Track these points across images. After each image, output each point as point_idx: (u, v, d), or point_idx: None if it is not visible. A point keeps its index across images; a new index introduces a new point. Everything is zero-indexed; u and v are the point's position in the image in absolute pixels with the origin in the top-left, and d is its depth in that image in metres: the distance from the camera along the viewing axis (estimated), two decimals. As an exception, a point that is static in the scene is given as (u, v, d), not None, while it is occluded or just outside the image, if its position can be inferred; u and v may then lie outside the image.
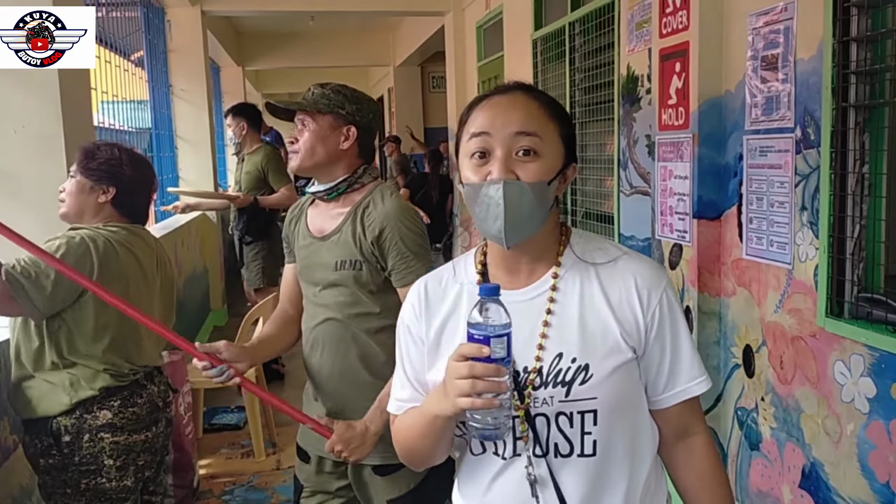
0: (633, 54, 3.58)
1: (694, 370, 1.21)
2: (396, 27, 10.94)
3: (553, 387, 1.13)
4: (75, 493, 2.06)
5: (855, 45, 2.27)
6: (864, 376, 2.24)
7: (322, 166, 1.96)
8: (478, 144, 1.15)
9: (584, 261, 1.20)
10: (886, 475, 2.17)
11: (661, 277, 1.21)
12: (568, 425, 1.14)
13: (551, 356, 1.15)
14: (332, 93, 1.96)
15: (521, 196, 1.11)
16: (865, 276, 2.32)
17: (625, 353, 1.16)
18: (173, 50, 6.68)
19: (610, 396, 1.14)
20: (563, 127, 1.19)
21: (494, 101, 1.18)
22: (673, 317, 1.19)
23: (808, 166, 2.46)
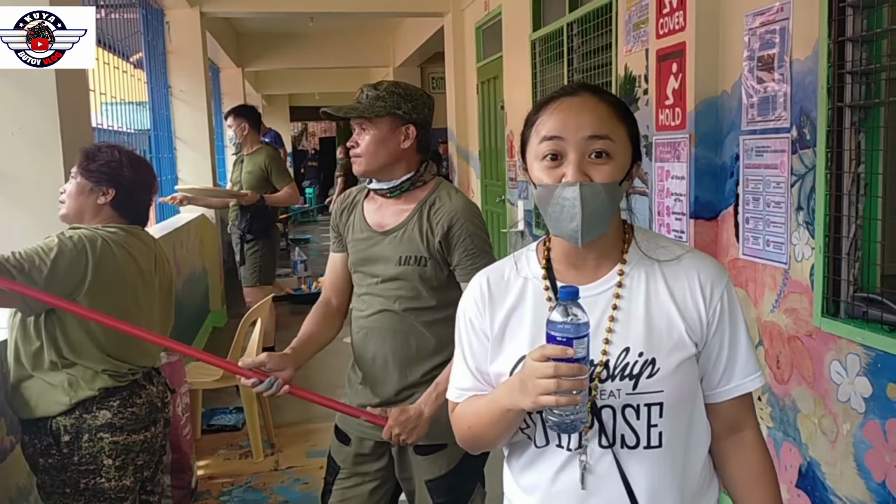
0: (630, 55, 3.59)
1: (750, 366, 1.25)
2: (396, 28, 10.94)
3: (620, 380, 1.17)
4: (74, 493, 2.07)
5: (850, 45, 2.27)
6: (860, 376, 2.24)
7: (386, 167, 1.99)
8: (550, 148, 1.17)
9: (649, 257, 1.24)
10: (882, 474, 2.17)
11: (723, 275, 1.25)
12: (635, 417, 1.18)
13: (618, 350, 1.18)
14: (386, 94, 1.97)
15: (596, 197, 1.14)
16: (861, 276, 2.32)
17: (689, 348, 1.20)
18: (172, 51, 6.68)
19: (675, 390, 1.18)
20: (630, 127, 1.22)
21: (565, 103, 1.20)
22: (733, 313, 1.23)
23: (804, 166, 2.46)
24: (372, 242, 2.04)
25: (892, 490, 2.14)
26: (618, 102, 1.24)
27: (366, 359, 2.08)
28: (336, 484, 2.12)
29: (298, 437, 4.20)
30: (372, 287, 2.04)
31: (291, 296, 7.74)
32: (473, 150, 7.14)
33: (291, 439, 4.18)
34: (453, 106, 7.54)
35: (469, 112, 7.29)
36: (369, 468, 2.11)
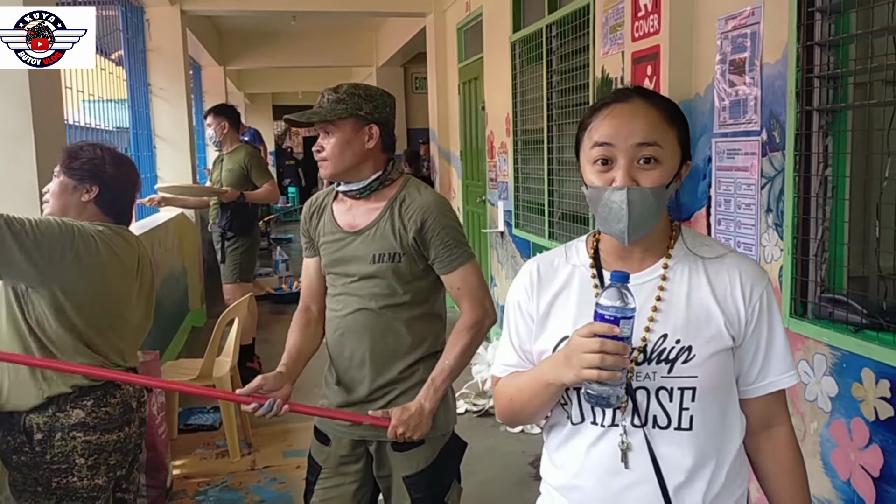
0: (607, 57, 3.62)
1: (785, 364, 1.32)
2: (379, 28, 10.94)
3: (657, 363, 1.25)
4: (46, 492, 2.06)
5: (818, 50, 2.30)
6: (827, 375, 2.27)
7: (352, 169, 2.01)
8: (601, 153, 1.25)
9: (694, 254, 1.32)
10: (847, 473, 2.21)
11: (763, 276, 1.32)
12: (668, 399, 1.25)
13: (656, 336, 1.26)
14: (346, 96, 1.99)
15: (644, 201, 1.22)
16: (828, 277, 2.35)
17: (726, 340, 1.27)
18: (152, 49, 6.65)
19: (708, 377, 1.25)
20: (680, 131, 1.28)
21: (617, 110, 1.26)
22: (771, 312, 1.30)
23: (773, 169, 2.49)
24: (344, 243, 2.05)
25: (856, 488, 2.17)
26: (669, 106, 1.29)
27: (342, 358, 2.09)
28: (318, 484, 2.14)
29: (275, 436, 4.20)
30: (347, 286, 2.06)
31: (272, 295, 7.73)
32: (455, 150, 7.16)
33: (268, 439, 4.18)
34: (435, 106, 7.55)
35: (451, 112, 7.31)
36: (350, 468, 2.12)
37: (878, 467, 2.08)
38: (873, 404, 2.09)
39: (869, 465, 2.12)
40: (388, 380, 2.05)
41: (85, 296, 2.06)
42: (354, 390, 2.08)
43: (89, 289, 2.08)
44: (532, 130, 4.94)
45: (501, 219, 5.63)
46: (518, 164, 5.20)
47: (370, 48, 11.44)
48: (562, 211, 4.48)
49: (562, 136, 4.44)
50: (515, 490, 3.56)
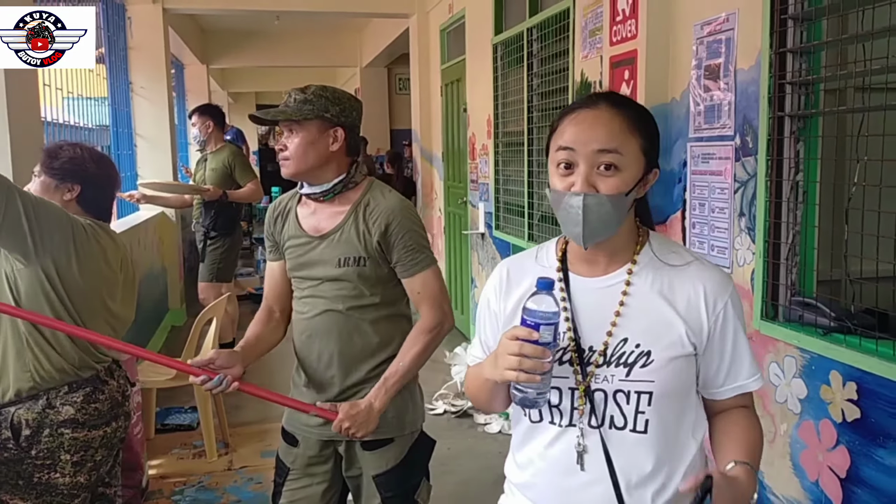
0: (586, 61, 3.64)
1: (752, 368, 1.35)
2: (363, 28, 10.93)
3: (616, 367, 1.29)
4: (26, 486, 2.08)
5: (791, 57, 2.34)
6: (796, 377, 2.31)
7: (314, 170, 2.01)
8: (563, 157, 1.27)
9: (659, 260, 1.34)
10: (816, 473, 2.24)
11: (728, 285, 1.34)
12: (625, 402, 1.28)
13: (617, 340, 1.30)
14: (313, 97, 1.99)
15: (600, 207, 1.24)
16: (799, 281, 2.39)
17: (686, 348, 1.29)
18: (133, 47, 6.61)
19: (665, 382, 1.28)
20: (645, 139, 1.29)
21: (581, 115, 1.28)
22: (735, 322, 1.32)
23: (746, 173, 2.52)
24: (310, 247, 2.06)
25: (824, 489, 2.20)
26: (637, 114, 1.31)
27: (310, 360, 2.10)
28: (286, 485, 2.14)
29: (253, 436, 4.20)
30: (314, 289, 2.06)
31: (253, 295, 7.70)
32: (437, 151, 7.17)
33: (246, 439, 4.17)
34: (418, 107, 7.56)
35: (433, 114, 7.32)
36: (319, 469, 2.13)
37: (844, 468, 2.12)
38: (841, 406, 2.12)
39: (836, 466, 2.15)
40: (357, 380, 2.06)
41: (74, 281, 2.09)
42: (325, 391, 2.09)
43: (80, 276, 2.10)
44: (513, 132, 4.96)
45: (482, 220, 5.65)
46: (499, 165, 5.22)
47: (354, 49, 11.43)
48: (541, 213, 4.50)
49: (541, 138, 4.46)
50: (493, 490, 3.55)
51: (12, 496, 2.09)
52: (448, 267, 6.90)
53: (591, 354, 1.30)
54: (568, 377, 1.31)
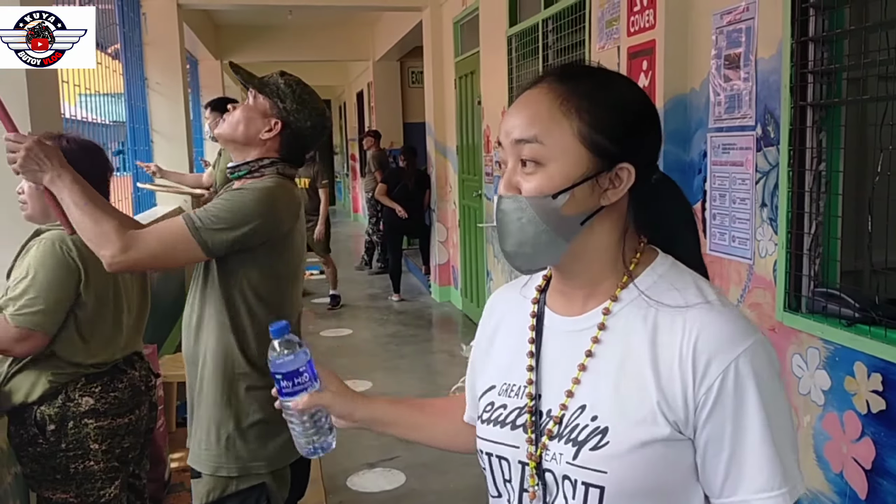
0: (603, 52, 3.63)
1: (763, 479, 0.88)
2: (375, 22, 10.92)
3: (565, 443, 0.93)
4: (65, 479, 2.12)
5: (812, 45, 2.32)
6: (820, 369, 2.29)
7: (238, 144, 1.93)
8: (500, 156, 0.98)
9: (648, 298, 0.94)
10: (840, 465, 2.23)
11: (738, 342, 0.89)
12: (571, 495, 0.93)
13: (576, 406, 0.94)
14: (283, 84, 1.94)
15: (519, 214, 0.92)
16: (822, 272, 2.37)
17: (660, 427, 0.89)
18: (149, 43, 6.63)
19: (624, 476, 0.89)
20: (584, 122, 0.92)
21: (516, 100, 0.98)
22: (740, 397, 0.88)
23: (767, 163, 2.51)
24: None
25: (848, 480, 2.19)
26: (583, 89, 0.94)
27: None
28: None
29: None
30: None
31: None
32: (451, 145, 7.16)
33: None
34: (431, 101, 7.55)
35: (447, 107, 7.31)
36: None
37: (870, 459, 2.10)
38: (865, 397, 2.11)
39: (861, 458, 2.14)
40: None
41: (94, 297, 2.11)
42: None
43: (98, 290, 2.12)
44: (528, 125, 4.94)
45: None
46: (514, 158, 5.20)
47: (366, 42, 11.42)
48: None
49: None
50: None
51: (54, 491, 2.13)
52: (463, 260, 6.90)
53: (547, 420, 0.96)
54: (519, 447, 0.97)
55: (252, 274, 1.85)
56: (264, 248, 1.84)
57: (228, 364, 1.87)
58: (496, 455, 1.01)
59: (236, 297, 1.85)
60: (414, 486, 3.59)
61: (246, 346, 1.87)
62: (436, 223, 7.68)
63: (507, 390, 1.03)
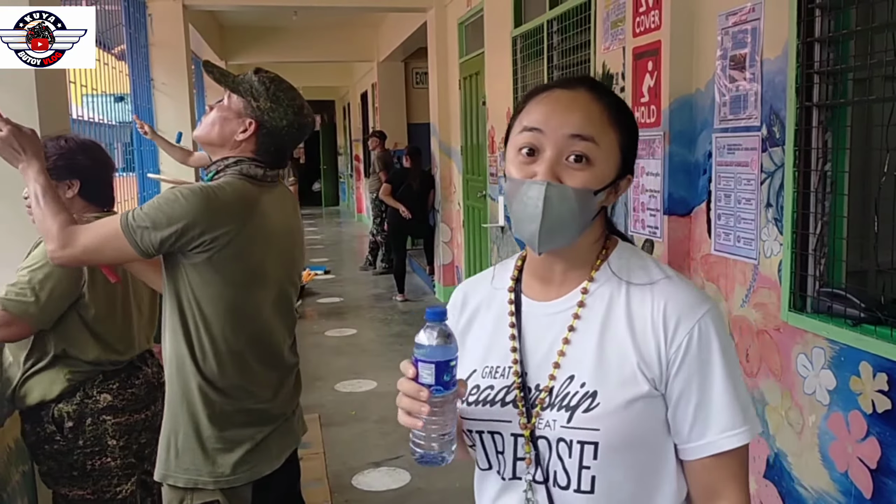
0: (608, 52, 3.63)
1: (726, 419, 1.04)
2: (380, 23, 10.94)
3: (558, 410, 1.05)
4: (82, 476, 2.15)
5: (818, 46, 2.32)
6: (825, 369, 2.30)
7: (214, 146, 1.89)
8: (528, 140, 1.05)
9: (618, 277, 1.09)
10: (845, 465, 2.23)
11: (698, 308, 1.05)
12: (567, 454, 1.04)
13: (564, 377, 1.06)
14: (257, 82, 1.87)
15: (563, 202, 1.02)
16: (827, 272, 2.38)
17: (641, 385, 1.03)
18: (154, 44, 6.65)
19: (615, 431, 1.02)
20: (623, 135, 1.08)
21: (555, 95, 1.08)
22: (704, 352, 1.04)
23: (773, 164, 2.51)
24: None
25: (853, 480, 2.20)
26: (619, 106, 1.10)
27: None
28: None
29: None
30: None
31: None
32: (455, 145, 7.17)
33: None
34: (436, 101, 7.56)
35: (451, 107, 7.32)
36: None
37: (875, 459, 2.11)
38: (871, 397, 2.11)
39: (866, 458, 2.14)
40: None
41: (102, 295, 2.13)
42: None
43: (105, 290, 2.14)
44: (533, 126, 4.94)
45: (502, 214, 5.65)
46: (519, 158, 5.21)
47: (371, 43, 11.44)
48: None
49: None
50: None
51: (70, 488, 2.16)
52: (467, 260, 6.91)
53: (536, 394, 1.07)
54: (511, 421, 1.07)
55: (194, 278, 1.77)
56: (203, 250, 1.74)
57: (182, 372, 1.81)
58: (487, 431, 1.09)
59: (184, 302, 1.79)
60: (419, 485, 3.60)
61: (201, 356, 1.80)
62: (440, 223, 7.69)
63: (491, 372, 1.12)
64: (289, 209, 1.99)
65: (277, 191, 1.94)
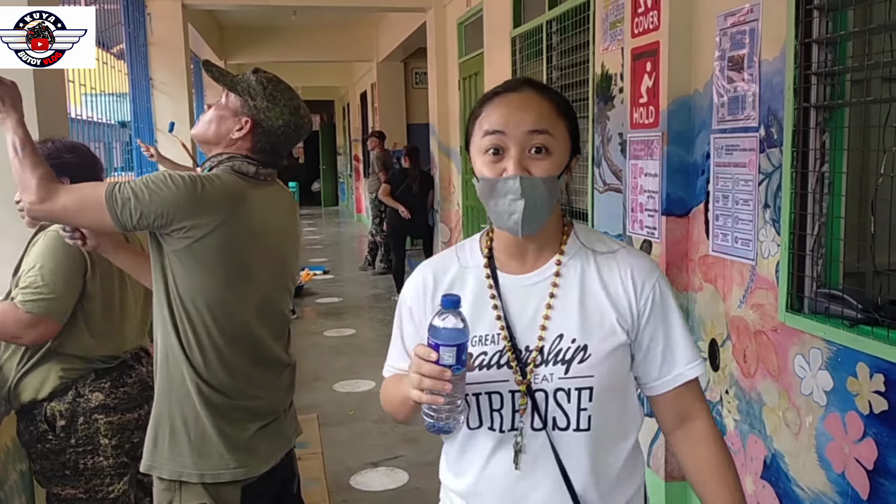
0: (606, 53, 3.63)
1: (688, 354, 1.29)
2: (379, 23, 10.94)
3: (553, 364, 1.22)
4: (74, 474, 2.14)
5: (816, 47, 2.32)
6: (822, 370, 2.30)
7: (211, 144, 1.90)
8: (493, 142, 1.20)
9: (586, 248, 1.30)
10: (842, 466, 2.23)
11: (654, 270, 1.31)
12: (566, 400, 1.23)
13: (552, 336, 1.24)
14: (255, 81, 1.88)
15: (535, 190, 1.19)
16: (824, 273, 2.38)
17: (619, 335, 1.25)
18: (153, 43, 6.66)
19: (605, 376, 1.23)
20: (570, 123, 1.26)
21: (508, 98, 1.23)
22: (665, 304, 1.28)
23: (771, 165, 2.51)
24: None
25: (850, 481, 2.20)
26: (560, 99, 1.27)
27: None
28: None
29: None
30: None
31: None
32: (455, 145, 7.18)
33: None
34: (435, 101, 7.57)
35: (451, 108, 7.32)
36: None
37: (872, 460, 2.11)
38: (868, 398, 2.11)
39: (863, 458, 2.14)
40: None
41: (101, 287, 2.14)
42: None
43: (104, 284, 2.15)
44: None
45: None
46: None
47: (371, 43, 11.44)
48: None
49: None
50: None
51: (63, 487, 2.16)
52: (466, 261, 6.90)
53: (527, 354, 1.24)
54: (507, 380, 1.23)
55: (176, 268, 1.76)
56: (183, 237, 1.73)
57: (170, 363, 1.79)
58: (485, 392, 1.24)
59: (171, 294, 1.78)
60: (417, 485, 3.60)
61: (188, 348, 1.78)
62: (439, 224, 7.70)
63: (482, 340, 1.26)
64: (283, 209, 1.98)
65: (272, 189, 1.94)
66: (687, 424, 1.31)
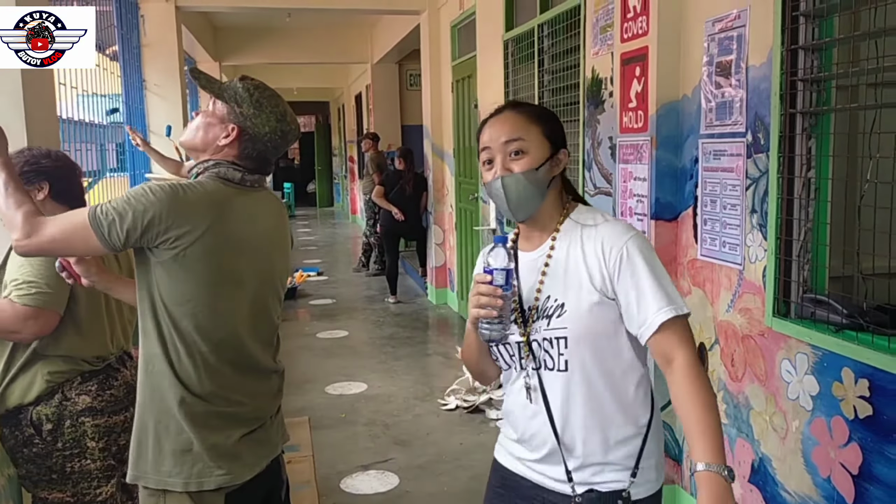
0: (597, 57, 3.64)
1: (658, 302, 1.46)
2: (374, 25, 10.94)
3: (542, 319, 1.54)
4: (61, 478, 2.14)
5: (802, 53, 2.34)
6: (808, 374, 2.31)
7: (198, 150, 1.89)
8: (485, 155, 1.57)
9: (578, 223, 1.57)
10: (828, 470, 2.25)
11: (625, 233, 1.52)
12: (550, 347, 1.53)
13: (544, 297, 1.55)
14: (241, 88, 1.88)
15: (517, 183, 1.52)
16: (811, 278, 2.39)
17: (592, 294, 1.50)
18: (147, 45, 6.64)
19: (577, 327, 1.50)
20: (545, 126, 1.57)
21: (492, 121, 1.59)
22: (632, 262, 1.48)
23: (758, 170, 2.53)
24: None
25: (836, 485, 2.21)
26: (532, 108, 1.62)
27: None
28: None
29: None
30: None
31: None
32: (448, 148, 7.18)
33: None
34: (429, 104, 7.57)
35: (444, 110, 7.33)
36: None
37: (857, 465, 2.12)
38: (853, 403, 2.13)
39: (848, 463, 2.15)
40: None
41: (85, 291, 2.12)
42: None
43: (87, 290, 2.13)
44: (524, 129, 4.95)
45: (493, 216, 5.66)
46: (510, 162, 5.22)
47: (365, 45, 11.44)
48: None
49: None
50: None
51: (50, 491, 2.15)
52: (460, 262, 6.91)
53: (530, 313, 1.56)
54: (515, 333, 1.57)
55: (161, 278, 1.75)
56: (169, 247, 1.72)
57: (153, 373, 1.77)
58: (502, 343, 1.58)
59: (156, 303, 1.76)
60: (407, 489, 3.61)
61: (175, 357, 1.77)
62: (433, 225, 7.70)
63: None
64: (271, 215, 1.97)
65: (259, 195, 1.93)
66: (672, 365, 1.47)
